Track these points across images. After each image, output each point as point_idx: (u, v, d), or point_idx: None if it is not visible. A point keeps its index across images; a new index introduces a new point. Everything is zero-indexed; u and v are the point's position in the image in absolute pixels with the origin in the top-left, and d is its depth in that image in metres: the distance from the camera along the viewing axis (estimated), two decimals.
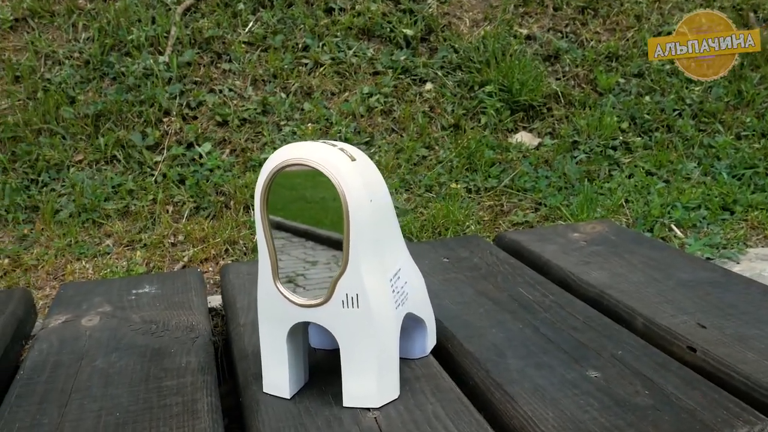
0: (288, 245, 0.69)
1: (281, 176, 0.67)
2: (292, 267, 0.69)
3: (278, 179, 0.67)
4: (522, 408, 0.69)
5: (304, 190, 0.67)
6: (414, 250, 1.17)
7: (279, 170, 0.66)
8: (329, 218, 0.66)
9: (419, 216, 1.62)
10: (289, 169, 0.66)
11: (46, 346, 0.87)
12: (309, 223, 0.68)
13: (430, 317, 0.80)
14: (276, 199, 0.68)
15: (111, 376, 0.78)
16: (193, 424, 0.67)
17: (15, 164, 1.75)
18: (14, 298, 1.05)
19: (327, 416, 0.68)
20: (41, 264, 1.47)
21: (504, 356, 0.79)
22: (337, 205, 0.65)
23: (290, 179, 0.67)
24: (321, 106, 1.96)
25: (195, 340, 0.86)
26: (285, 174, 0.67)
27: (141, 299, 1.01)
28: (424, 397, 0.71)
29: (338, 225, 0.66)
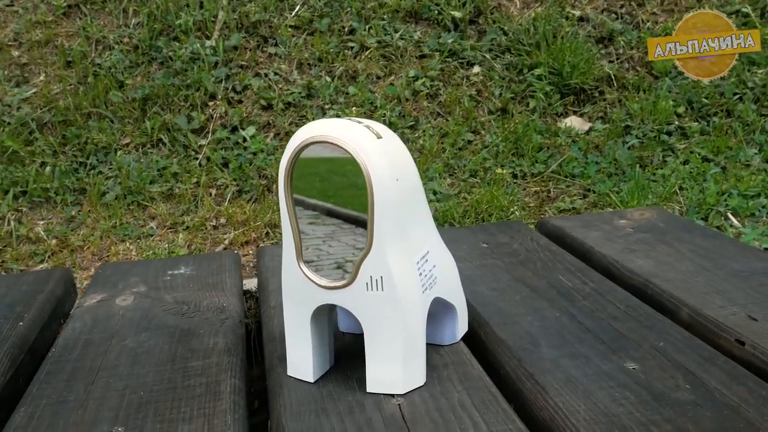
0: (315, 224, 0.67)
1: (305, 154, 0.65)
2: (317, 248, 0.67)
3: (302, 157, 0.65)
4: (552, 399, 0.66)
5: (328, 168, 0.65)
6: (452, 235, 1.14)
7: (302, 148, 0.65)
8: (354, 197, 0.64)
9: (462, 202, 1.59)
10: (313, 147, 0.64)
11: (79, 324, 0.88)
12: (333, 202, 0.66)
13: (461, 303, 0.77)
14: (300, 177, 0.66)
15: (139, 356, 0.78)
16: (214, 405, 0.66)
17: (65, 147, 1.78)
18: (54, 278, 1.06)
19: (349, 401, 0.66)
20: (87, 245, 1.49)
21: (538, 345, 0.76)
22: (362, 184, 0.63)
23: (314, 157, 0.65)
24: (366, 90, 1.94)
25: (224, 322, 0.85)
26: (309, 152, 0.65)
27: (175, 280, 1.01)
28: (450, 385, 0.68)
29: (363, 205, 0.64)
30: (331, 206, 0.65)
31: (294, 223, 0.66)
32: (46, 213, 1.61)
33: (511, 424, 0.62)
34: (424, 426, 0.62)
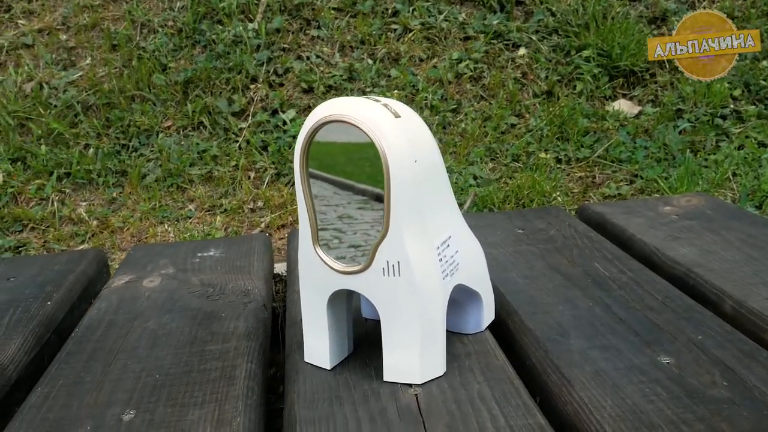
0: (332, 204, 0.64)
1: (322, 133, 0.63)
2: (333, 230, 0.65)
3: (318, 137, 0.63)
4: (578, 393, 0.62)
5: (344, 148, 0.63)
6: (487, 221, 1.11)
7: (318, 127, 0.62)
8: (371, 178, 0.62)
9: (503, 187, 1.55)
10: (328, 126, 0.62)
11: (105, 305, 0.88)
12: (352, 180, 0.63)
13: (486, 291, 0.74)
14: (316, 158, 0.64)
15: (159, 338, 0.77)
16: (227, 391, 0.65)
17: (108, 130, 1.79)
18: (87, 258, 1.06)
19: (365, 390, 0.64)
20: (126, 226, 1.51)
21: (567, 336, 0.72)
22: (379, 165, 0.60)
23: (330, 136, 0.63)
24: (408, 73, 1.91)
25: (247, 305, 0.84)
26: (325, 131, 0.63)
27: (204, 262, 1.00)
28: (471, 376, 0.66)
29: (381, 186, 0.61)
30: (350, 182, 0.63)
31: (309, 204, 0.64)
32: (89, 194, 1.63)
33: (531, 419, 0.59)
34: (439, 418, 0.59)
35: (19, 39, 2.04)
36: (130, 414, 0.62)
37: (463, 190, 1.54)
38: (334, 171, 0.63)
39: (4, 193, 1.59)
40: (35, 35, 2.05)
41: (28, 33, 2.05)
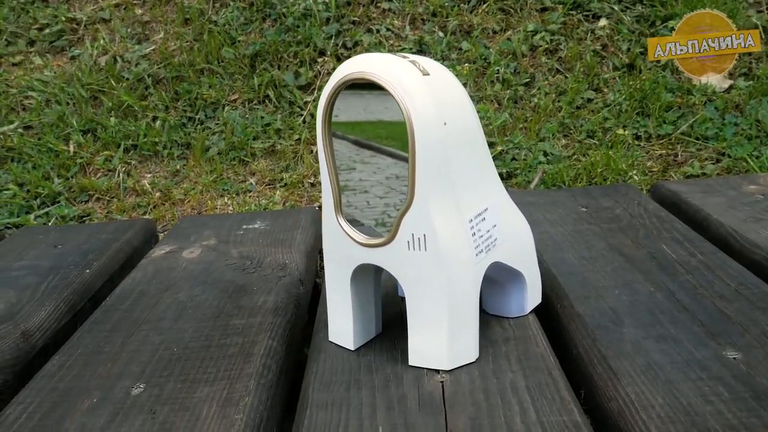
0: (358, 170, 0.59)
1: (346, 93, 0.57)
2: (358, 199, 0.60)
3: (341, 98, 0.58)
4: (624, 389, 0.55)
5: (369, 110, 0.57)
6: (549, 198, 1.03)
7: (339, 86, 0.57)
8: (398, 143, 0.56)
9: (575, 164, 1.46)
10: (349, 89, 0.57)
11: (140, 275, 0.86)
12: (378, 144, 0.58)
13: (531, 271, 0.67)
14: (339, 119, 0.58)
15: (185, 310, 0.74)
16: (241, 368, 0.61)
17: (177, 103, 1.79)
18: (134, 228, 1.05)
19: (387, 374, 0.59)
20: (187, 199, 1.50)
21: (620, 323, 0.65)
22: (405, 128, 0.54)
23: (355, 97, 0.57)
24: (480, 45, 1.82)
25: (281, 279, 0.80)
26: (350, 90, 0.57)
27: (247, 235, 0.97)
28: (506, 363, 0.59)
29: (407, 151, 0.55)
30: (376, 144, 0.57)
31: (332, 170, 0.59)
32: (153, 166, 1.63)
33: (567, 415, 0.52)
34: (463, 409, 0.53)
35: (97, 14, 2.07)
36: (139, 387, 0.59)
37: (531, 168, 1.45)
38: (359, 132, 0.58)
39: (73, 164, 1.61)
40: (112, 10, 2.07)
41: (106, 8, 2.07)
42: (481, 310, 0.69)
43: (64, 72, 1.88)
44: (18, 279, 0.86)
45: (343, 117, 0.58)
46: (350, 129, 0.58)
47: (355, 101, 0.57)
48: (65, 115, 1.73)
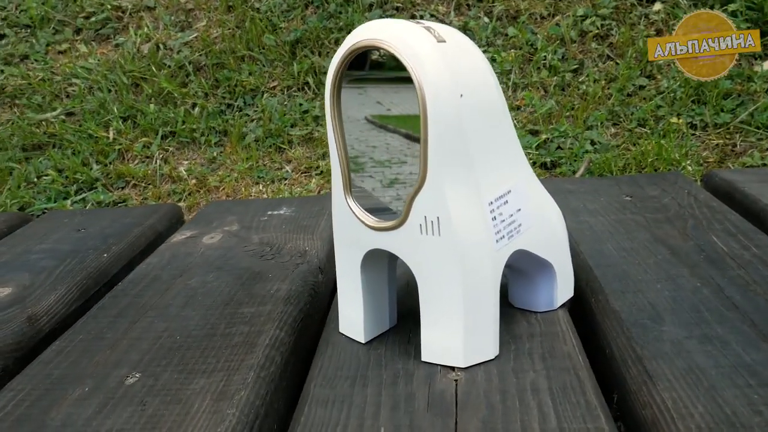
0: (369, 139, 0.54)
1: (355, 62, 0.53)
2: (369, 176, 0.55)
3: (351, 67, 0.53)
4: (660, 394, 0.49)
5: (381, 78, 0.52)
6: (590, 186, 0.97)
7: (349, 55, 0.52)
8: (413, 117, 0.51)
9: (624, 153, 1.38)
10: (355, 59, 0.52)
11: (156, 260, 0.83)
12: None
13: (562, 261, 0.61)
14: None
15: (195, 297, 0.71)
16: (242, 359, 0.57)
17: (216, 90, 1.77)
18: (159, 213, 1.02)
19: (397, 370, 0.54)
20: (222, 186, 1.48)
21: (660, 321, 0.59)
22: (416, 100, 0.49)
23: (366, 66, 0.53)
24: (527, 31, 1.75)
25: (298, 267, 0.76)
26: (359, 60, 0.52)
27: (271, 220, 0.93)
28: (528, 362, 0.54)
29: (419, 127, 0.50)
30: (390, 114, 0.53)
31: (341, 146, 0.55)
32: (191, 153, 1.62)
33: (592, 422, 0.46)
34: (476, 411, 0.48)
35: (141, 2, 2.07)
36: (134, 377, 0.56)
37: (577, 157, 1.38)
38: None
39: (112, 150, 1.60)
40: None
41: None
42: (508, 304, 0.64)
43: (107, 59, 1.88)
44: (36, 262, 0.84)
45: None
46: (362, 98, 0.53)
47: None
48: (106, 102, 1.73)
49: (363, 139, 0.54)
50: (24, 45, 1.95)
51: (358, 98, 0.53)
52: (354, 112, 0.54)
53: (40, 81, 1.82)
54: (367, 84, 0.53)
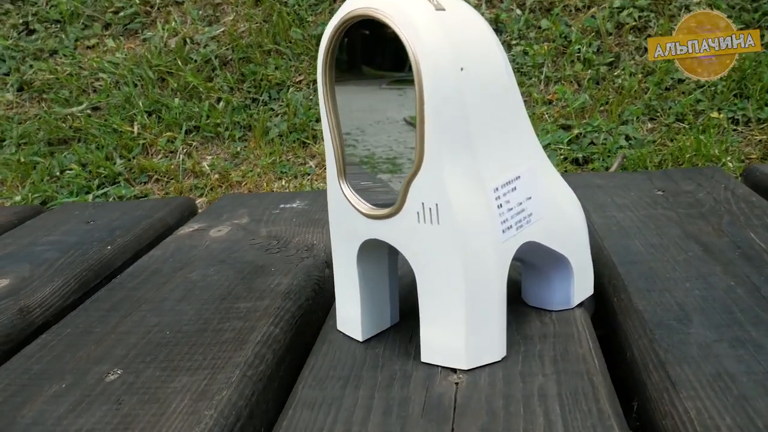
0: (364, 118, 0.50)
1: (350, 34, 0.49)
2: (364, 159, 0.51)
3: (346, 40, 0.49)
4: (684, 402, 0.44)
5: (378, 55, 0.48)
6: (621, 180, 0.91)
7: (342, 25, 0.48)
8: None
9: (660, 149, 1.31)
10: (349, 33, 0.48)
11: (160, 252, 0.80)
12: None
13: (579, 255, 0.56)
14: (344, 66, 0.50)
15: (192, 291, 0.67)
16: (230, 356, 0.53)
17: (242, 84, 1.75)
18: (170, 206, 1.00)
19: (395, 371, 0.50)
20: (244, 181, 1.45)
21: (687, 322, 0.53)
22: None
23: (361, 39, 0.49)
24: (561, 23, 1.69)
25: (303, 260, 0.72)
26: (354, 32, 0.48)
27: (282, 214, 0.90)
28: (538, 365, 0.49)
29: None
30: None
31: (334, 127, 0.50)
32: (214, 148, 1.59)
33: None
34: (475, 417, 0.44)
35: None
36: (116, 373, 0.53)
37: (611, 153, 1.32)
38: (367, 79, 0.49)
39: (136, 145, 1.59)
40: None
41: None
42: (521, 302, 0.59)
43: (134, 54, 1.87)
44: (39, 254, 0.82)
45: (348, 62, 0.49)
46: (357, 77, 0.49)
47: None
48: (132, 96, 1.71)
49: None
50: (53, 40, 1.95)
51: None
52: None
53: (68, 76, 1.81)
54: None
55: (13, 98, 1.80)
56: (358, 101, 0.50)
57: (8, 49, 1.92)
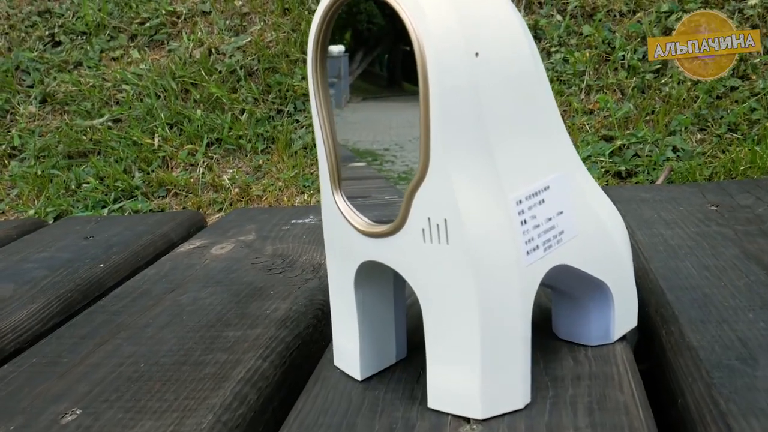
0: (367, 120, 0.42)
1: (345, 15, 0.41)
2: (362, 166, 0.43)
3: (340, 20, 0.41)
4: None
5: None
6: (668, 193, 0.82)
7: (334, 6, 0.40)
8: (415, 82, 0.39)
9: (711, 161, 1.21)
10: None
11: (154, 272, 0.73)
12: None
13: (622, 281, 0.47)
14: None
15: (180, 315, 0.60)
16: (206, 396, 0.45)
17: (267, 96, 1.69)
18: (176, 221, 0.93)
19: (395, 419, 0.41)
20: (265, 195, 1.38)
21: (752, 362, 0.44)
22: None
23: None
24: (604, 29, 1.60)
25: (306, 283, 0.64)
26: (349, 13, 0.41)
27: (292, 230, 0.82)
28: (569, 415, 0.40)
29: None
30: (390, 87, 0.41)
31: (327, 127, 0.43)
32: (236, 161, 1.53)
33: None
34: None
35: (197, 6, 2.01)
36: (74, 413, 0.45)
37: (657, 165, 1.22)
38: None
39: (156, 157, 1.54)
40: (213, 2, 2.01)
41: (207, 0, 2.01)
42: (551, 335, 0.50)
43: (158, 65, 1.83)
44: (27, 272, 0.76)
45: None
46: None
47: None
48: (154, 108, 1.67)
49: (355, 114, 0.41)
50: (78, 52, 1.92)
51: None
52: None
53: (91, 87, 1.78)
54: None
55: (36, 111, 1.77)
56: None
57: (33, 61, 1.90)
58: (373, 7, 0.39)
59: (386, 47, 0.41)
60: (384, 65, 0.42)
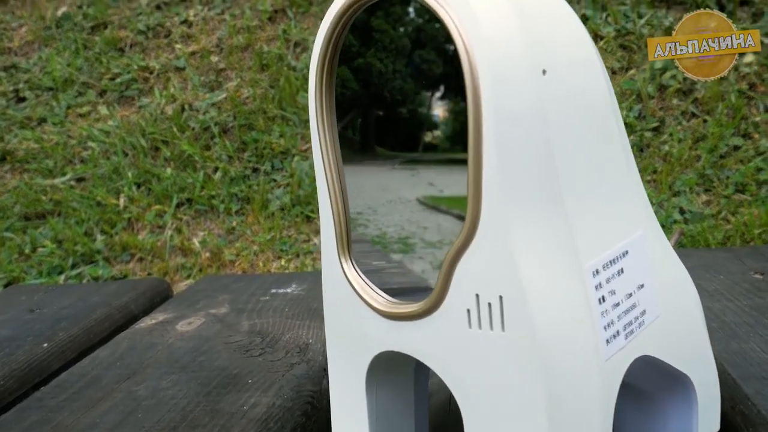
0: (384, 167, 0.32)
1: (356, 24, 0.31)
2: (379, 229, 0.32)
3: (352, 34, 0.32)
4: None
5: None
6: (700, 260, 0.72)
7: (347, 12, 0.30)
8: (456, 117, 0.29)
9: (722, 224, 1.13)
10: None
11: (106, 353, 0.61)
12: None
13: (704, 373, 0.37)
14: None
15: (134, 413, 0.48)
16: None
17: (242, 153, 1.59)
18: (137, 290, 0.81)
19: None
20: (238, 260, 1.26)
21: None
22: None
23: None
24: None
25: (292, 368, 0.53)
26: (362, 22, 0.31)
27: (272, 301, 0.71)
28: None
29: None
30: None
31: (333, 174, 0.32)
32: (208, 223, 1.42)
33: None
34: None
35: (171, 62, 1.93)
36: None
37: (665, 227, 1.14)
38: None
39: (120, 219, 1.42)
40: (188, 58, 1.93)
41: (182, 56, 1.93)
42: None
43: (128, 122, 1.73)
44: None
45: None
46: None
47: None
48: (120, 167, 1.56)
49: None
50: (43, 108, 1.81)
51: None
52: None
53: (54, 145, 1.66)
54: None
55: None
56: (369, 182, 0.32)
57: None
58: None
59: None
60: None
